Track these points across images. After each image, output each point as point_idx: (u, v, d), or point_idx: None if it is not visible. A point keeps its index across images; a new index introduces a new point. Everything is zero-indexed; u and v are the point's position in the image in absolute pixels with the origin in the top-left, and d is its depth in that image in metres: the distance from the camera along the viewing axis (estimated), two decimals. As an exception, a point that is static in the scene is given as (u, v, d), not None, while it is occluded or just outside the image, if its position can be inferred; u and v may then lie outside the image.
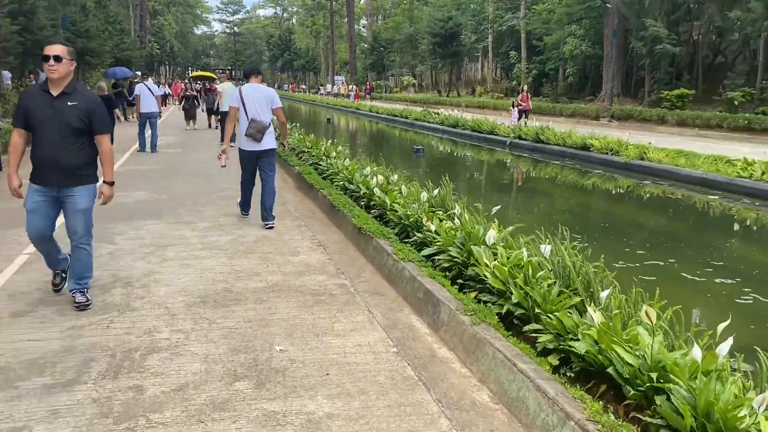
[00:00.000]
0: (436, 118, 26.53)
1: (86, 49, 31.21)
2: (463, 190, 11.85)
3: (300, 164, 11.49)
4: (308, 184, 9.62)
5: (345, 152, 11.64)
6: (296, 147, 13.24)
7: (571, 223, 9.37)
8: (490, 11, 43.01)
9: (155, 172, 11.87)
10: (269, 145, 7.32)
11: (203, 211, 8.21)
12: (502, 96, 40.25)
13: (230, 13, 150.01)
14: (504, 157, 18.12)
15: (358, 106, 40.45)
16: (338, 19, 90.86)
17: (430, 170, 15.47)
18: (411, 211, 6.54)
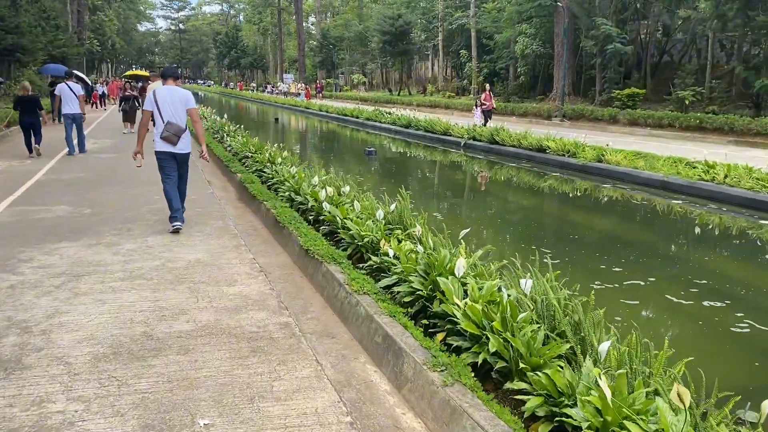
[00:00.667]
0: (388, 118, 25.85)
1: (16, 45, 29.29)
2: (420, 198, 11.17)
3: (243, 171, 10.60)
4: (250, 195, 8.76)
5: (292, 157, 10.80)
6: (239, 151, 12.33)
7: (537, 235, 8.80)
8: (440, 9, 42.65)
9: (82, 180, 10.77)
10: (185, 149, 7.27)
11: (130, 229, 7.26)
12: (454, 95, 39.93)
13: (175, 10, 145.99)
14: (459, 158, 17.58)
15: (308, 105, 39.46)
16: (286, 16, 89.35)
17: (383, 175, 14.76)
18: (365, 229, 5.80)
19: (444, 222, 9.32)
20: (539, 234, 9.00)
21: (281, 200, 8.13)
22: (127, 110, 19.73)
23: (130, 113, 19.75)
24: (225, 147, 13.90)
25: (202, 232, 7.19)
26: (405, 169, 16.41)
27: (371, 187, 12.56)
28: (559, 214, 10.89)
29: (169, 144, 7.06)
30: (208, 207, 8.64)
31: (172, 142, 7.05)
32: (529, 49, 28.67)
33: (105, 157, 14.04)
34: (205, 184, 10.56)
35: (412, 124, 23.15)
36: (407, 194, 6.43)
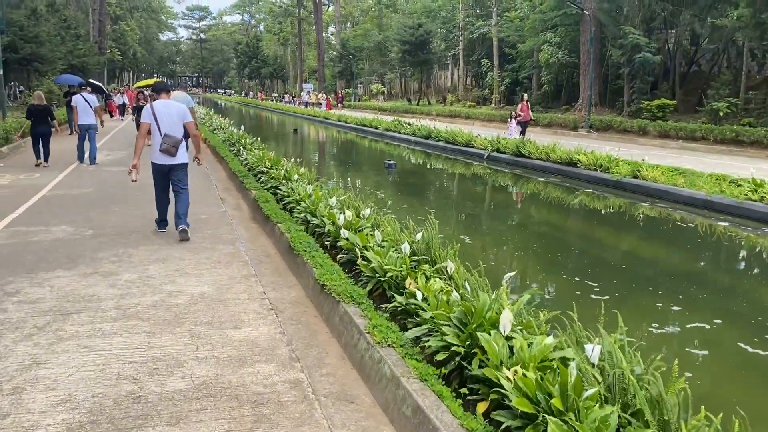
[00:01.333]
0: (408, 128, 25.22)
1: (35, 55, 29.24)
2: (444, 218, 10.48)
3: (258, 188, 10.00)
4: (264, 215, 8.14)
5: (309, 173, 10.18)
6: (255, 166, 11.75)
7: (580, 264, 8.03)
8: (461, 19, 42.03)
9: (88, 197, 10.24)
10: (182, 159, 7.48)
11: (132, 255, 6.66)
12: (474, 105, 39.21)
13: (196, 20, 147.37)
14: (483, 172, 16.85)
15: (326, 116, 38.99)
16: (306, 26, 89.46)
17: (404, 190, 14.10)
18: (388, 261, 5.13)
19: (473, 246, 8.63)
20: (582, 262, 8.22)
21: (296, 222, 7.50)
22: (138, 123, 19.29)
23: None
24: (241, 161, 13.34)
25: (210, 258, 6.57)
26: (426, 183, 15.72)
27: (392, 205, 11.91)
28: (599, 237, 10.07)
29: (168, 155, 7.30)
30: (219, 228, 8.03)
31: (171, 154, 7.30)
32: (553, 58, 27.90)
33: (116, 170, 13.54)
34: (217, 202, 9.98)
35: (432, 135, 22.49)
36: (435, 221, 5.74)
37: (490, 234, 10.01)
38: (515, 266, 7.77)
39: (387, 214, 10.21)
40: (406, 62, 44.68)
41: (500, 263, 8.03)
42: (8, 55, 27.99)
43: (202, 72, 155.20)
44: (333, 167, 19.45)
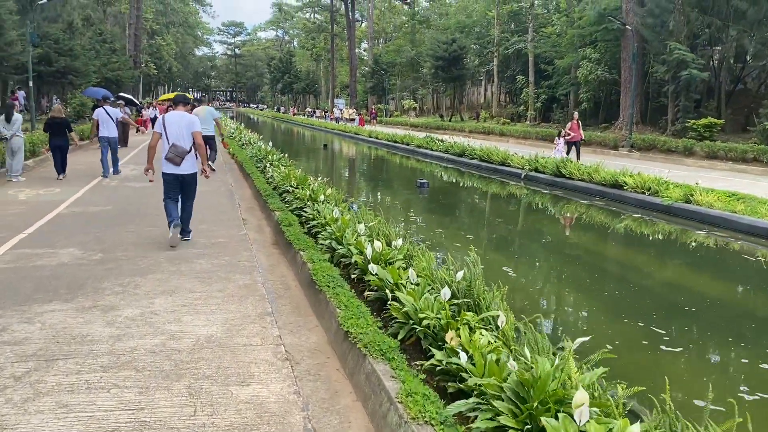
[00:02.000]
0: (440, 145, 24.49)
1: (69, 67, 29.38)
2: (482, 245, 9.69)
3: (282, 209, 9.35)
4: (286, 240, 7.45)
5: (337, 194, 9.50)
6: (280, 185, 11.13)
7: (643, 306, 7.10)
8: (496, 34, 41.29)
9: (106, 215, 9.71)
10: (190, 169, 7.67)
11: (138, 285, 6.02)
12: (508, 121, 38.30)
13: (231, 35, 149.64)
14: (520, 192, 15.99)
15: (357, 131, 38.50)
16: (339, 42, 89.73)
17: (437, 211, 13.32)
18: (424, 306, 4.39)
19: (517, 280, 7.80)
20: (643, 302, 7.29)
21: (320, 250, 6.80)
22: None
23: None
24: (267, 178, 12.75)
25: (224, 291, 5.89)
26: (461, 204, 14.92)
27: (425, 228, 11.15)
28: (658, 271, 9.07)
29: (173, 164, 7.52)
30: (238, 254, 7.36)
31: (175, 163, 7.51)
32: (592, 74, 26.93)
33: (138, 186, 13.07)
34: (239, 223, 9.34)
35: (465, 152, 21.71)
36: (477, 258, 4.98)
37: (535, 265, 9.16)
38: (567, 307, 6.94)
39: (419, 239, 9.49)
40: (438, 78, 44.03)
41: (551, 303, 7.20)
42: (43, 67, 28.19)
43: (236, 87, 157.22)
44: (362, 185, 18.80)
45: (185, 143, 7.57)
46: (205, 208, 10.62)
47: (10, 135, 13.26)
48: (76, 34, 33.16)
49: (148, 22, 67.20)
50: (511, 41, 40.16)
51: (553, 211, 13.59)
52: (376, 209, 13.24)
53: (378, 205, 13.81)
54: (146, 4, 66.59)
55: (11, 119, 13.20)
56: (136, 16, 51.73)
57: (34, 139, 17.28)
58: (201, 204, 10.92)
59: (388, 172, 22.72)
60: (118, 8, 53.58)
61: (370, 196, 15.81)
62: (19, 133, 13.44)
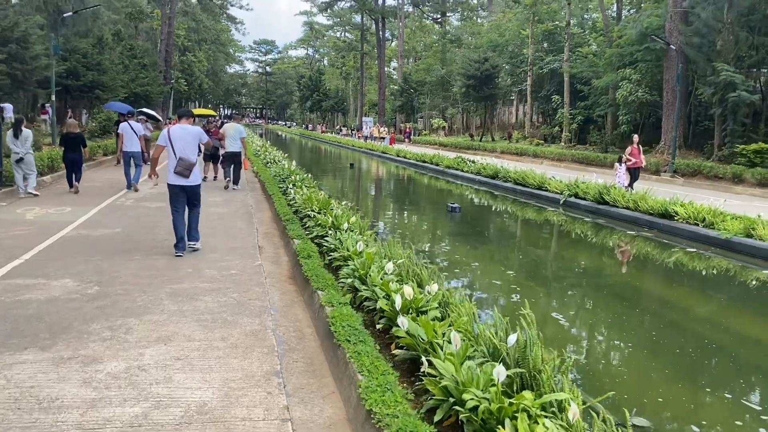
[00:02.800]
0: (472, 166, 23.53)
1: (96, 82, 29.24)
2: (525, 283, 8.70)
3: (302, 236, 8.50)
4: (304, 276, 6.58)
5: (361, 222, 8.62)
6: (301, 208, 10.31)
7: (726, 371, 6.05)
8: (530, 53, 40.34)
9: (112, 240, 8.98)
10: (196, 181, 7.99)
11: (130, 329, 5.19)
12: (542, 142, 37.20)
13: (263, 53, 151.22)
14: (560, 220, 14.94)
15: (385, 150, 37.74)
16: (368, 60, 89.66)
17: (472, 240, 12.34)
18: (467, 376, 3.47)
19: (575, 336, 6.79)
20: (726, 365, 6.25)
21: (341, 289, 5.93)
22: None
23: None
24: (288, 200, 11.96)
25: (227, 339, 5.03)
26: (496, 232, 13.91)
27: (459, 259, 10.18)
28: (730, 321, 8.00)
29: (182, 177, 7.77)
30: (249, 291, 6.51)
31: (184, 176, 7.76)
32: (632, 96, 25.77)
33: (154, 207, 12.38)
34: (254, 251, 8.51)
35: (499, 174, 20.72)
36: (531, 316, 4.04)
37: (592, 312, 8.12)
38: (638, 373, 5.90)
39: (452, 274, 8.52)
40: (469, 97, 43.14)
41: (621, 370, 6.18)
42: (70, 81, 28.08)
43: (266, 104, 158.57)
44: (390, 207, 17.92)
45: (191, 156, 7.83)
46: (221, 232, 9.85)
47: (24, 152, 12.73)
48: (106, 48, 33.10)
49: (180, 38, 67.75)
50: (545, 61, 39.17)
51: (600, 243, 12.48)
52: (404, 235, 12.37)
53: (406, 231, 12.91)
54: (178, 20, 67.27)
55: (20, 135, 12.65)
56: (168, 32, 52.05)
57: (53, 154, 16.80)
58: (217, 228, 10.17)
59: (416, 193, 21.81)
60: (149, 24, 54.00)
61: (398, 220, 14.92)
62: (30, 149, 12.90)
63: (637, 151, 17.27)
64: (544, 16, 40.17)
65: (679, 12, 24.09)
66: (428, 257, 9.90)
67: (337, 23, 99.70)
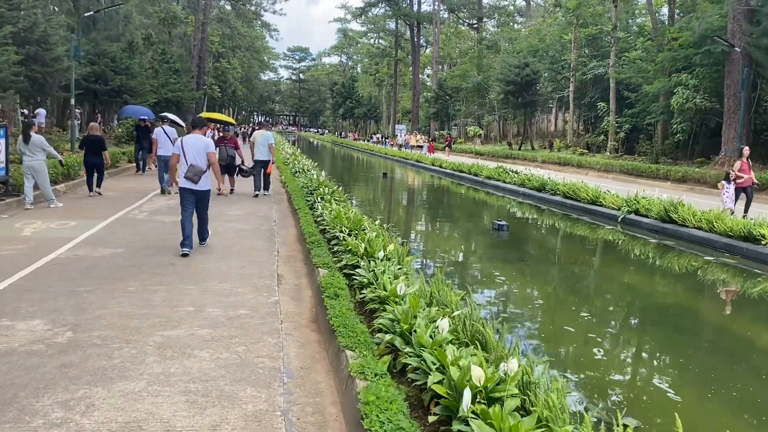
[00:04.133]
0: (514, 177, 21.91)
1: (125, 86, 28.48)
2: (613, 339, 7.13)
3: (329, 264, 7.10)
4: (329, 325, 5.15)
5: (400, 249, 7.17)
6: (329, 228, 8.92)
7: None
8: (573, 58, 38.49)
9: (109, 263, 7.70)
10: (204, 186, 8.42)
11: (91, 405, 3.83)
12: (585, 151, 35.28)
13: (296, 60, 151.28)
14: (622, 240, 13.27)
15: (420, 159, 36.27)
16: (402, 67, 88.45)
17: (526, 267, 10.78)
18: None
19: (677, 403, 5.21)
20: None
21: (378, 347, 4.49)
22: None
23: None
24: (315, 217, 10.60)
25: (217, 428, 3.62)
26: (553, 256, 12.24)
27: (517, 296, 8.62)
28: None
29: (191, 182, 8.25)
30: (259, 342, 5.12)
31: (193, 181, 8.24)
32: (689, 102, 23.81)
33: (168, 221, 11.14)
34: (271, 282, 7.13)
35: (546, 187, 19.05)
36: None
37: (694, 374, 6.53)
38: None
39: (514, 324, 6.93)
40: (508, 103, 41.39)
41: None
42: (98, 86, 27.36)
43: (299, 111, 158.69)
44: (428, 223, 16.45)
45: (202, 163, 8.31)
46: (237, 253, 8.52)
47: (32, 159, 11.66)
48: (136, 53, 32.42)
49: (214, 44, 67.51)
50: (589, 66, 37.27)
51: (682, 273, 10.72)
52: (446, 259, 10.85)
53: (448, 254, 11.41)
54: (213, 27, 67.07)
55: (29, 140, 11.57)
56: (201, 38, 51.59)
57: (69, 161, 15.78)
58: (233, 248, 8.85)
59: (456, 207, 20.22)
60: (183, 30, 53.64)
61: (438, 241, 13.41)
62: (41, 156, 11.81)
63: (748, 167, 14.47)
64: (588, 19, 38.30)
65: (743, 11, 22.12)
66: (477, 290, 8.43)
67: (371, 29, 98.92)
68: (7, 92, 16.05)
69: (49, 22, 19.35)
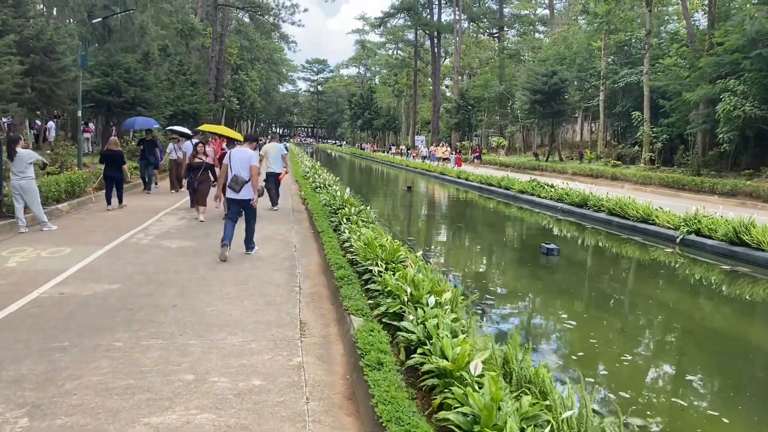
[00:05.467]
0: (550, 191, 20.40)
1: (139, 98, 27.46)
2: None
3: (364, 310, 5.72)
4: (375, 417, 3.73)
5: (456, 292, 5.76)
6: (361, 260, 7.54)
7: None
8: (603, 66, 36.89)
9: (98, 306, 6.39)
10: (246, 196, 8.99)
11: None
12: (619, 163, 33.58)
13: (314, 72, 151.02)
14: (685, 265, 11.73)
15: (443, 171, 34.83)
16: (422, 78, 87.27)
17: (594, 305, 9.27)
18: None
19: None
20: None
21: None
22: (193, 185, 12.98)
23: (198, 189, 12.68)
24: (342, 242, 9.24)
25: None
26: (622, 288, 10.68)
27: (599, 351, 7.08)
28: None
29: (233, 191, 8.94)
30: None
31: (235, 190, 8.92)
32: (738, 110, 22.14)
33: (175, 247, 9.85)
34: (293, 332, 5.75)
35: (588, 203, 17.52)
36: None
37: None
38: None
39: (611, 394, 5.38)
40: (535, 113, 39.79)
41: None
42: (112, 98, 26.37)
43: (317, 123, 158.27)
44: (466, 247, 15.01)
45: (245, 175, 8.87)
46: (252, 291, 7.17)
47: (22, 179, 10.44)
48: (152, 64, 31.47)
49: (233, 57, 66.86)
50: (620, 74, 35.63)
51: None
52: (498, 293, 9.26)
53: (498, 286, 9.93)
54: (231, 39, 66.46)
55: (15, 157, 10.35)
56: (219, 50, 50.84)
57: (73, 177, 14.62)
58: (249, 283, 7.51)
59: (493, 226, 18.49)
60: (201, 42, 52.94)
61: (485, 270, 11.90)
62: (30, 173, 10.58)
63: None
64: (619, 25, 36.73)
65: (798, 12, 20.52)
66: (547, 341, 6.99)
67: (389, 40, 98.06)
68: (10, 104, 14.93)
69: (57, 30, 18.31)
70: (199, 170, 12.57)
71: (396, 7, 74.97)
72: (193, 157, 13.03)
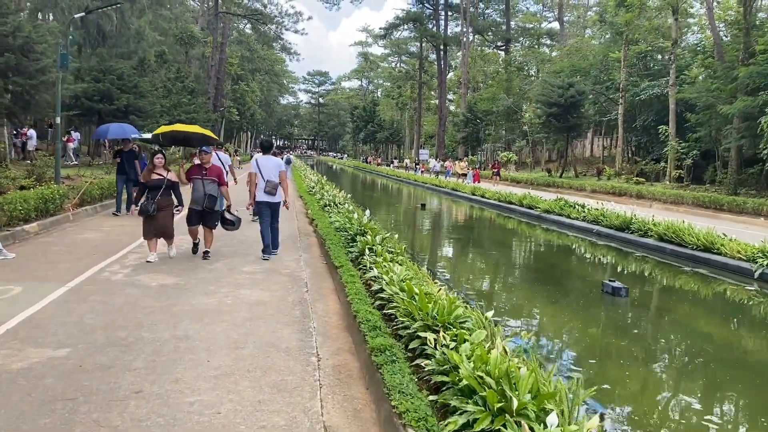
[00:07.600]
0: (582, 212, 18.42)
1: (132, 106, 25.55)
2: None
3: (420, 410, 3.68)
4: None
5: (544, 382, 3.73)
6: (394, 308, 5.51)
7: None
8: (622, 78, 35.08)
9: (28, 386, 4.36)
10: (278, 198, 9.61)
11: None
12: (642, 180, 31.64)
13: (316, 84, 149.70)
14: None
15: (455, 187, 32.91)
16: (426, 90, 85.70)
17: (710, 379, 7.23)
18: None
19: None
20: None
21: None
22: (149, 211, 8.96)
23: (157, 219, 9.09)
24: (367, 283, 7.22)
25: None
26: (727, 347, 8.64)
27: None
28: None
29: (269, 195, 9.41)
30: None
31: (271, 194, 9.40)
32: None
33: (155, 285, 7.81)
34: (314, 425, 3.69)
35: (631, 225, 15.52)
36: None
37: None
38: None
39: None
40: (550, 127, 37.90)
41: None
42: (103, 105, 24.48)
43: (318, 135, 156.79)
44: (508, 284, 12.94)
45: (275, 179, 9.45)
46: (247, 365, 5.11)
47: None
48: (148, 71, 29.62)
49: (233, 67, 65.19)
50: (641, 87, 33.80)
51: None
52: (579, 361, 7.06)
53: (567, 347, 7.83)
54: (232, 49, 64.82)
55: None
56: (219, 59, 49.11)
57: (46, 193, 12.61)
58: (245, 349, 5.40)
59: (529, 255, 15.90)
60: (201, 51, 51.18)
61: (545, 320, 9.68)
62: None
63: None
64: (641, 35, 34.97)
65: None
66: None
67: (393, 52, 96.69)
68: (-24, 109, 12.98)
69: (36, 27, 16.42)
70: (158, 190, 9.07)
71: (402, 18, 73.58)
72: (149, 172, 9.20)
